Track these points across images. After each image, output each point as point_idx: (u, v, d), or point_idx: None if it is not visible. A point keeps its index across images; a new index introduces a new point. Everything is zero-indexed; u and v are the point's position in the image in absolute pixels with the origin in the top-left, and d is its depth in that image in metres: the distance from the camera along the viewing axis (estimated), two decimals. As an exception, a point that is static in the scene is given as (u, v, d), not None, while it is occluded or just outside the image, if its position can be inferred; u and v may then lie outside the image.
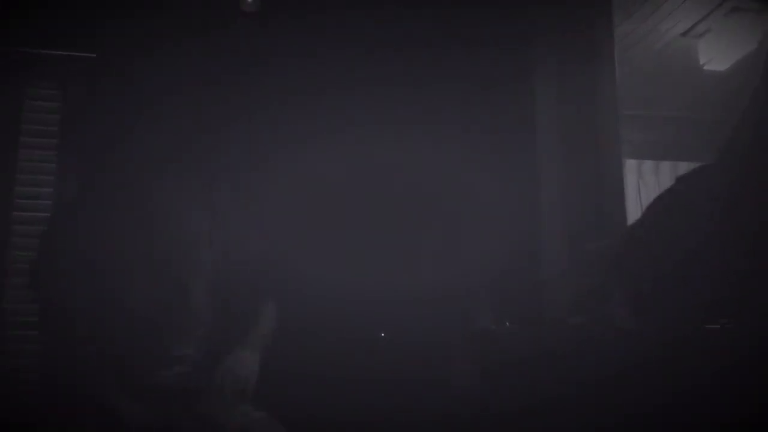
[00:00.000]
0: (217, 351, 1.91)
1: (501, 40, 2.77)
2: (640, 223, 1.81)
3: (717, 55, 3.91)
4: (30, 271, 1.98)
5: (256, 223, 2.11)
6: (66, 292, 1.89)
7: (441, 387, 2.15)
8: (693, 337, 1.53)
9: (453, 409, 2.09)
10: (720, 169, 1.68)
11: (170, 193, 2.01)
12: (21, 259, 2.63)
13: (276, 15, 2.66)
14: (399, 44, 2.68)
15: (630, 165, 4.89)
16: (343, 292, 2.32)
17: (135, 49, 2.63)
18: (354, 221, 2.53)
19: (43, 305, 1.96)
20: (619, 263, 1.77)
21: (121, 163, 2.03)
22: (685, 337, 1.54)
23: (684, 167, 5.08)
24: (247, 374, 1.88)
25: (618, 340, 1.75)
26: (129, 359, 1.84)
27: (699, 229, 1.58)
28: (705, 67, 4.01)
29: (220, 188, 2.03)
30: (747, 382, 1.40)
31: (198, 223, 2.01)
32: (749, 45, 3.80)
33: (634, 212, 4.77)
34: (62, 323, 1.90)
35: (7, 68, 2.76)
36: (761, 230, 1.52)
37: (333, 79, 2.61)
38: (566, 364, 1.88)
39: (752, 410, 1.38)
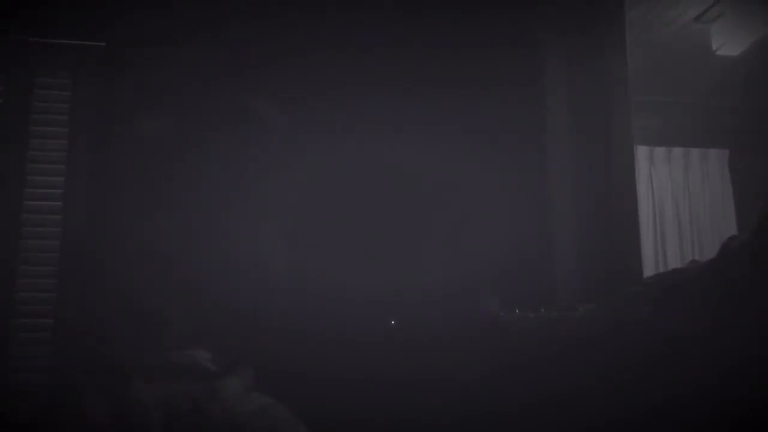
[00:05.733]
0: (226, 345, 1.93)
1: (510, 26, 2.76)
2: None
3: (729, 40, 3.88)
4: None
5: (258, 220, 2.11)
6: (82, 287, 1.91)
7: (450, 380, 2.15)
8: (706, 333, 1.52)
9: (462, 402, 2.09)
10: None
11: (176, 188, 2.02)
12: (30, 248, 2.65)
13: (278, 13, 2.65)
14: (409, 40, 2.67)
15: (642, 151, 4.87)
16: (350, 288, 2.32)
17: (145, 38, 2.63)
18: (362, 216, 2.53)
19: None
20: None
21: (128, 157, 2.03)
22: (702, 331, 1.53)
23: (696, 154, 5.06)
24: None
25: (633, 329, 1.75)
26: (134, 349, 1.86)
27: None
28: (717, 53, 3.99)
29: (226, 186, 2.03)
30: (750, 381, 1.39)
31: (205, 220, 2.01)
32: (762, 30, 3.77)
33: (644, 199, 4.78)
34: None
35: (17, 57, 2.76)
36: None
37: (339, 78, 2.60)
38: (576, 353, 1.87)
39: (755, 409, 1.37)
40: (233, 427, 1.85)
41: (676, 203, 4.96)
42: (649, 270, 4.50)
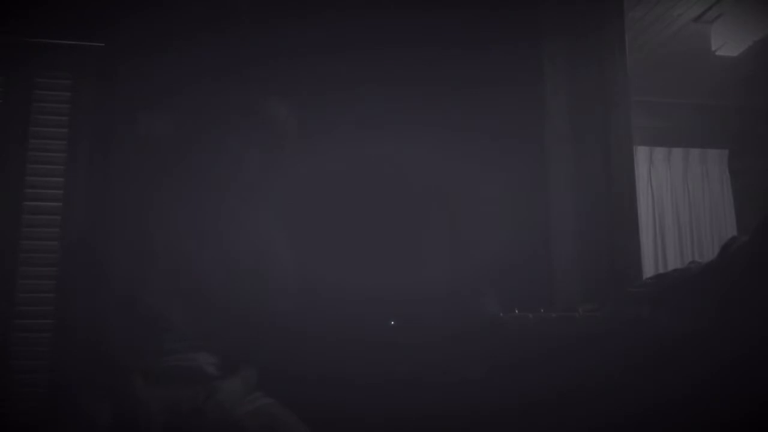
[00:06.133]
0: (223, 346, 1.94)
1: (510, 26, 2.76)
2: None
3: (729, 40, 3.89)
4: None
5: (259, 221, 2.11)
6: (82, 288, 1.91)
7: (450, 379, 2.15)
8: (706, 333, 1.52)
9: (461, 402, 2.10)
10: None
11: (176, 188, 2.02)
12: (30, 248, 2.66)
13: (278, 14, 2.66)
14: (410, 40, 2.67)
15: (641, 152, 4.87)
16: (350, 288, 2.33)
17: (144, 39, 2.64)
18: (362, 216, 2.53)
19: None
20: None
21: (127, 157, 2.03)
22: (699, 332, 1.53)
23: (696, 154, 5.06)
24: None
25: (632, 329, 1.75)
26: (135, 352, 1.85)
27: None
28: (717, 53, 3.99)
29: (227, 186, 2.02)
30: (750, 381, 1.39)
31: (205, 220, 2.01)
32: (762, 30, 3.77)
33: (644, 200, 4.78)
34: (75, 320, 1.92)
35: (17, 58, 2.77)
36: None
37: (338, 79, 2.61)
38: (575, 353, 1.87)
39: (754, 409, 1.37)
40: (234, 427, 1.85)
41: (675, 203, 4.97)
42: (648, 270, 4.51)
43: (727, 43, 3.91)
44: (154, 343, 1.89)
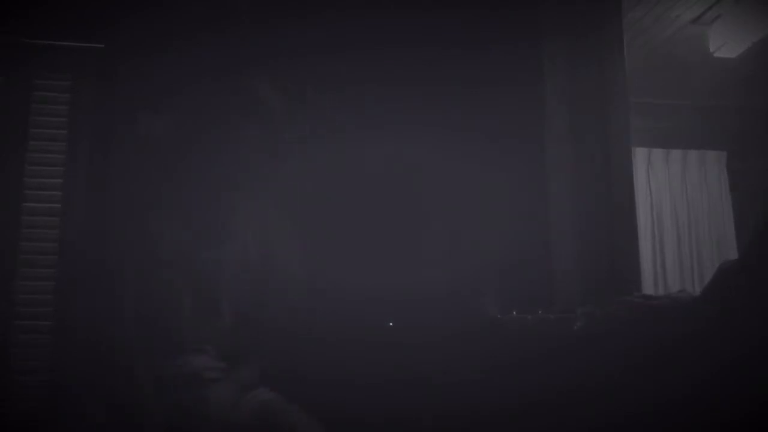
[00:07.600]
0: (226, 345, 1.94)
1: (510, 27, 2.76)
2: None
3: (727, 41, 3.89)
4: None
5: (259, 221, 2.11)
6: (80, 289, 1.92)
7: (448, 380, 2.16)
8: (706, 333, 1.52)
9: (460, 403, 2.10)
10: None
11: (176, 189, 2.02)
12: (30, 250, 2.66)
13: (278, 14, 2.66)
14: (411, 40, 2.68)
15: (640, 153, 4.87)
16: (350, 288, 2.33)
17: (143, 39, 2.64)
18: (361, 216, 2.53)
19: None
20: None
21: (127, 158, 2.03)
22: (699, 333, 1.53)
23: (694, 156, 5.06)
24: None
25: (630, 330, 1.75)
26: (139, 352, 1.85)
27: None
28: (715, 54, 4.00)
29: (226, 186, 2.02)
30: (749, 381, 1.39)
31: (204, 221, 2.01)
32: (760, 31, 3.78)
33: (643, 201, 4.78)
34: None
35: (16, 59, 2.77)
36: None
37: (337, 78, 2.61)
38: (574, 355, 1.87)
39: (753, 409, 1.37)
40: (237, 424, 1.85)
41: (674, 205, 4.97)
42: (647, 271, 4.51)
43: (726, 44, 3.91)
44: (152, 342, 1.90)
